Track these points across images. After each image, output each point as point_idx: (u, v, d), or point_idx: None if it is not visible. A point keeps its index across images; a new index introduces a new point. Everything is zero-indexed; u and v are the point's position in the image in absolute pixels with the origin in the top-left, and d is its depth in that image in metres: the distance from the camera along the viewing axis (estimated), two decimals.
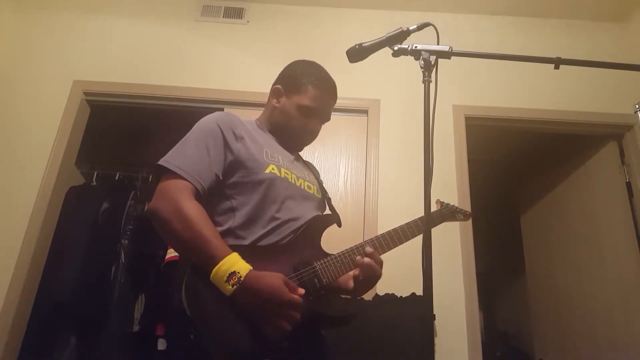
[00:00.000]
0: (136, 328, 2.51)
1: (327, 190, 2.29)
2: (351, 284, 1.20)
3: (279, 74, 1.36)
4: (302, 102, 1.26)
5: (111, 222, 2.64)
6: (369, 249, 1.15)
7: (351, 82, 2.52)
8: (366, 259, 1.13)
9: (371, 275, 1.14)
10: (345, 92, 2.48)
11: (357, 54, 1.17)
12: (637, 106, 1.50)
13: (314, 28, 2.73)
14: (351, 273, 1.17)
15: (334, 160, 2.41)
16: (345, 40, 1.37)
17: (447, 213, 1.38)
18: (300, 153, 1.42)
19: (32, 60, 2.61)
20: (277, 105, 1.30)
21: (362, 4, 2.77)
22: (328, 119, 1.35)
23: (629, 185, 2.46)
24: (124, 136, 3.18)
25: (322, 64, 1.36)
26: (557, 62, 1.13)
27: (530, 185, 3.33)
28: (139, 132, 3.05)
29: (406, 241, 1.23)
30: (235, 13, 2.77)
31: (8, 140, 2.42)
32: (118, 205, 2.70)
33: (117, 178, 2.88)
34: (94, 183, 2.88)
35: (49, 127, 2.43)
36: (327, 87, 1.31)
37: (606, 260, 2.48)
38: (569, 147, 2.91)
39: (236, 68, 2.61)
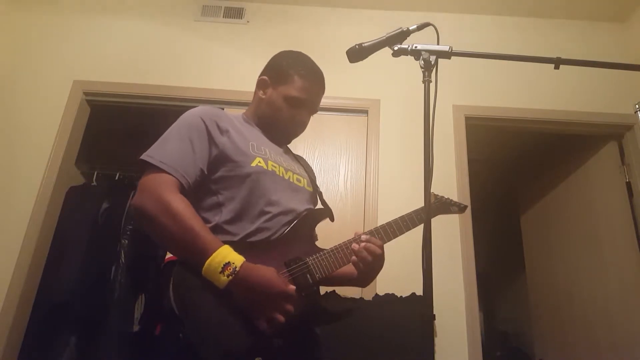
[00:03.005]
0: (136, 328, 2.51)
1: (327, 190, 2.31)
2: (355, 272, 1.18)
3: (265, 65, 1.33)
4: (290, 93, 1.23)
5: (111, 222, 2.64)
6: (364, 237, 1.14)
7: (351, 82, 2.52)
8: (363, 245, 1.11)
9: (373, 260, 1.12)
10: (345, 92, 2.51)
11: (357, 54, 1.17)
12: (637, 106, 1.50)
13: (314, 28, 2.73)
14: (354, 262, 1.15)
15: (334, 160, 2.41)
16: (345, 40, 1.37)
17: (442, 206, 1.35)
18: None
19: (32, 60, 2.61)
20: (264, 97, 1.27)
21: (362, 4, 2.77)
22: (316, 110, 1.32)
23: (629, 185, 2.46)
24: (124, 136, 3.17)
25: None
26: (557, 62, 1.13)
27: (530, 185, 3.33)
28: (139, 132, 3.04)
29: (400, 235, 1.21)
30: (235, 13, 2.77)
31: (8, 140, 2.42)
32: (118, 205, 2.70)
33: (117, 178, 2.88)
34: (94, 183, 2.88)
35: (49, 127, 2.43)
36: (314, 77, 1.28)
37: (606, 260, 2.48)
38: (569, 147, 2.91)
39: (236, 68, 2.61)
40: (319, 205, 1.31)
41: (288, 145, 1.38)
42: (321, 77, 1.31)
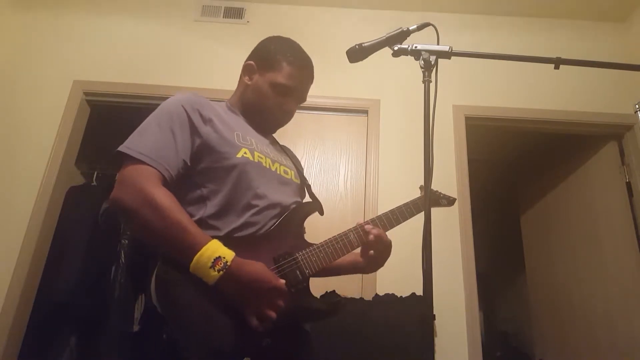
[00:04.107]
0: (136, 328, 2.52)
1: (327, 191, 2.32)
2: (361, 262, 1.18)
3: (252, 50, 1.27)
4: (277, 80, 1.17)
5: (111, 222, 2.64)
6: (369, 227, 1.14)
7: (351, 82, 2.52)
8: (375, 233, 1.13)
9: (383, 249, 1.14)
10: (345, 92, 2.51)
11: (357, 54, 1.16)
12: (637, 106, 1.50)
13: (314, 28, 2.73)
14: (357, 251, 1.16)
15: (334, 160, 2.41)
16: (345, 40, 1.37)
17: (432, 198, 1.33)
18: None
19: (32, 60, 2.61)
20: (250, 83, 1.21)
21: (362, 4, 2.76)
22: (304, 99, 1.26)
23: (629, 185, 2.46)
24: (124, 136, 3.17)
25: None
26: (557, 62, 1.13)
27: (530, 185, 3.33)
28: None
29: (402, 221, 1.22)
30: (235, 13, 2.77)
31: (8, 140, 2.42)
32: None
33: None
34: (94, 183, 2.88)
35: (49, 127, 2.43)
36: (303, 64, 1.22)
37: (606, 260, 2.48)
38: (569, 147, 2.91)
39: (236, 68, 2.57)
40: (307, 198, 1.27)
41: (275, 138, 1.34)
42: (310, 65, 1.25)
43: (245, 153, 1.08)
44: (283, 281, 0.96)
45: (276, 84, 1.18)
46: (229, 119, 1.14)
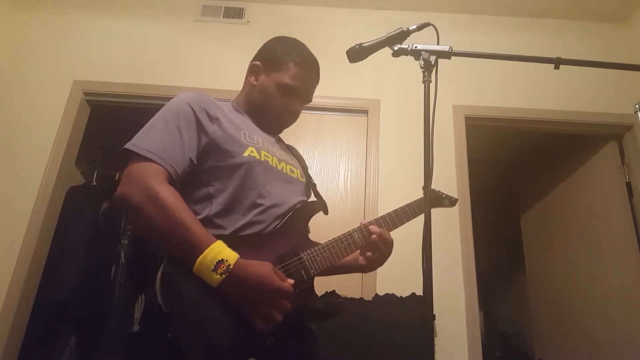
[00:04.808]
0: (136, 328, 2.51)
1: (327, 191, 2.32)
2: (361, 260, 1.18)
3: (258, 50, 1.28)
4: (283, 81, 1.18)
5: (111, 222, 2.64)
6: (373, 227, 1.15)
7: (351, 82, 2.52)
8: (377, 232, 1.13)
9: (386, 250, 1.15)
10: (345, 92, 2.51)
11: (357, 54, 1.16)
12: (637, 106, 1.50)
13: (313, 28, 2.73)
14: (357, 252, 1.17)
15: (334, 160, 2.41)
16: (345, 40, 1.37)
17: (434, 199, 1.33)
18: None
19: (32, 60, 2.61)
20: (256, 83, 1.22)
21: (362, 4, 2.77)
22: (310, 100, 1.26)
23: (629, 185, 2.46)
24: (124, 136, 3.17)
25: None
26: (557, 62, 1.13)
27: (530, 185, 3.33)
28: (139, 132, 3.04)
29: (406, 222, 1.22)
30: (235, 13, 2.77)
31: (8, 140, 2.42)
32: None
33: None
34: (94, 183, 2.88)
35: (49, 127, 2.43)
36: (309, 65, 1.23)
37: (606, 260, 2.48)
38: (569, 147, 2.91)
39: (236, 68, 2.58)
40: (312, 198, 1.27)
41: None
42: (316, 66, 1.25)
43: (252, 152, 1.08)
44: (291, 281, 0.95)
45: (282, 84, 1.18)
46: (235, 118, 1.14)
